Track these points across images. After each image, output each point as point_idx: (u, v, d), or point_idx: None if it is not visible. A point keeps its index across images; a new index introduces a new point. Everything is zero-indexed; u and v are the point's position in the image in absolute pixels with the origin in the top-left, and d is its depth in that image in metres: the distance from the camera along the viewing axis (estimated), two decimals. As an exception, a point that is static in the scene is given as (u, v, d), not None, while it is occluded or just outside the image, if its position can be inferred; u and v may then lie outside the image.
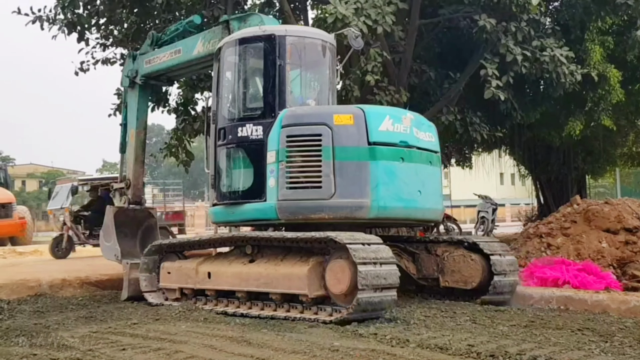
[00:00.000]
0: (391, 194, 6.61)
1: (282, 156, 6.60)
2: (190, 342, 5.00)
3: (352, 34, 7.49)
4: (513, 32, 10.43)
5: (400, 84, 11.06)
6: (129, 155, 9.72)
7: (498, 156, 21.71)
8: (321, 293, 6.02)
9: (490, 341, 4.93)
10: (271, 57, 7.03)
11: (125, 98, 9.91)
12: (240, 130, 7.03)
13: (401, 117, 6.88)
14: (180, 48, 8.72)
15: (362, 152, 6.54)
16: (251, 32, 7.30)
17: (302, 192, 6.53)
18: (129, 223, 9.25)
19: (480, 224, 19.95)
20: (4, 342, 4.98)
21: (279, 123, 6.74)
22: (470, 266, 7.19)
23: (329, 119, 6.58)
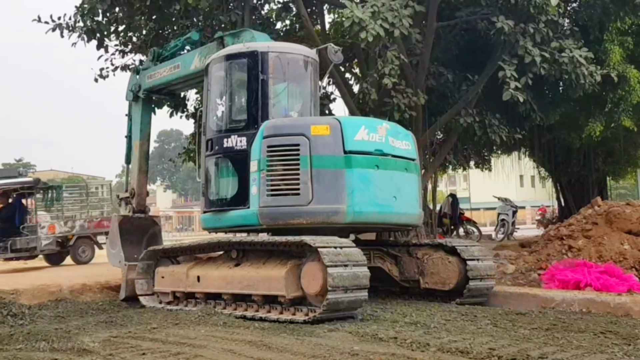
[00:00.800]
0: (366, 199, 6.95)
1: (263, 165, 6.98)
2: (210, 347, 5.00)
3: (332, 49, 7.79)
4: (531, 33, 10.33)
5: (418, 87, 11.01)
6: (133, 166, 10.13)
7: (518, 158, 21.53)
8: (298, 294, 6.31)
9: (512, 345, 4.87)
10: (254, 72, 7.47)
11: (130, 111, 10.26)
12: (226, 141, 7.46)
13: (377, 127, 7.24)
14: (179, 63, 9.17)
15: (338, 160, 6.90)
16: (236, 49, 7.78)
17: (282, 199, 6.89)
18: (134, 231, 9.55)
19: (500, 227, 19.83)
20: (26, 346, 5.03)
21: (260, 134, 7.14)
22: (447, 268, 7.54)
23: (306, 130, 6.95)
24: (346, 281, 5.94)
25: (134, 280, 8.13)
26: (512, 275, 8.78)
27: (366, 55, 12.11)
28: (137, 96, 9.93)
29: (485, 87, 12.02)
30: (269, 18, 13.45)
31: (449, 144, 13.54)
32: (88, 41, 12.07)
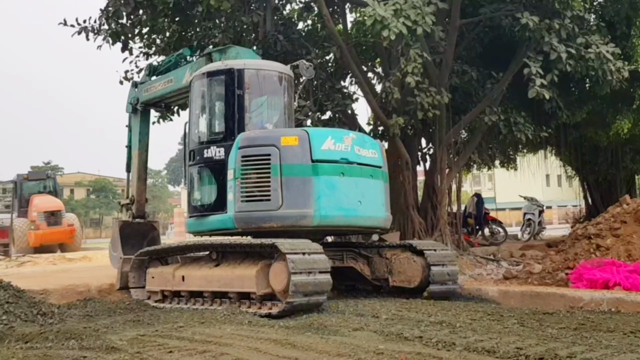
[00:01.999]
0: (332, 204, 7.50)
1: (237, 174, 7.57)
2: (235, 345, 5.02)
3: (304, 65, 8.44)
4: (557, 29, 10.19)
5: (442, 85, 10.94)
6: (133, 174, 10.74)
7: (544, 157, 21.24)
8: (268, 291, 6.82)
9: (539, 344, 4.80)
10: (231, 88, 8.07)
11: (130, 122, 10.82)
12: (206, 152, 8.10)
13: (343, 137, 7.80)
14: (172, 78, 9.72)
15: (306, 168, 7.46)
16: (215, 66, 8.42)
17: (254, 205, 7.49)
18: (134, 235, 10.13)
19: (526, 227, 19.60)
20: (55, 344, 5.09)
21: (236, 145, 7.70)
22: (412, 267, 8.15)
23: (277, 141, 7.52)
24: (308, 287, 6.47)
25: (128, 273, 8.68)
26: (539, 275, 8.69)
27: (389, 54, 12.08)
28: (136, 108, 10.51)
29: (510, 84, 11.90)
30: (290, 18, 13.49)
31: (473, 143, 13.43)
32: (113, 44, 12.23)
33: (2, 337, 5.45)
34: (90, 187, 72.48)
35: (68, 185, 68.45)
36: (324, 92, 11.98)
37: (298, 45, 12.23)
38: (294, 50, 12.06)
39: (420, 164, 13.73)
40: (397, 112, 10.93)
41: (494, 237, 17.40)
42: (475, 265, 11.04)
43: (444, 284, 8.08)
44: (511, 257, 12.11)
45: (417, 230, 11.63)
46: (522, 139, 12.50)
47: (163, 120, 13.60)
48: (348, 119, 12.60)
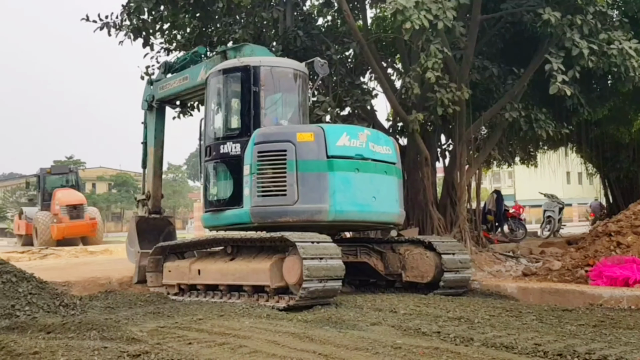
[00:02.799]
0: (347, 199, 7.63)
1: (254, 169, 7.71)
2: (254, 338, 5.07)
3: (319, 62, 8.54)
4: (579, 25, 10.06)
5: (462, 81, 10.87)
6: (149, 171, 10.87)
7: (564, 154, 21.03)
8: (282, 284, 6.99)
9: (558, 340, 4.79)
10: (247, 85, 8.18)
11: (145, 119, 10.94)
12: (222, 148, 8.21)
13: (358, 134, 7.93)
14: (187, 75, 9.86)
15: (322, 164, 7.58)
16: (231, 63, 8.53)
17: (271, 200, 7.61)
18: (150, 230, 10.31)
19: (546, 224, 19.45)
20: (77, 335, 5.17)
21: (252, 141, 7.83)
22: (425, 262, 8.18)
23: (293, 137, 7.65)
24: (321, 272, 6.61)
25: (144, 267, 8.87)
26: (558, 272, 8.63)
27: (409, 50, 12.03)
28: (151, 106, 10.67)
29: (531, 81, 11.79)
30: (310, 14, 13.50)
31: (493, 139, 13.33)
32: (134, 39, 12.33)
33: (25, 328, 5.55)
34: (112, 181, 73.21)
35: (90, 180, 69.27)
36: (343, 88, 11.97)
37: (318, 41, 12.23)
38: (313, 46, 12.06)
39: (440, 160, 13.67)
40: (416, 108, 10.89)
41: (513, 234, 17.28)
42: (494, 261, 10.98)
43: (457, 272, 8.13)
44: (530, 254, 12.03)
45: (436, 226, 11.59)
46: (543, 136, 12.35)
47: (183, 115, 13.69)
48: (367, 114, 12.59)
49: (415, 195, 11.94)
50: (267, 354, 4.44)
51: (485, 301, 7.36)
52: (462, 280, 8.30)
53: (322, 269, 6.64)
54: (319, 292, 6.68)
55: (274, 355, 4.39)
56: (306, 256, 6.57)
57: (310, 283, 6.55)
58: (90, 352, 4.34)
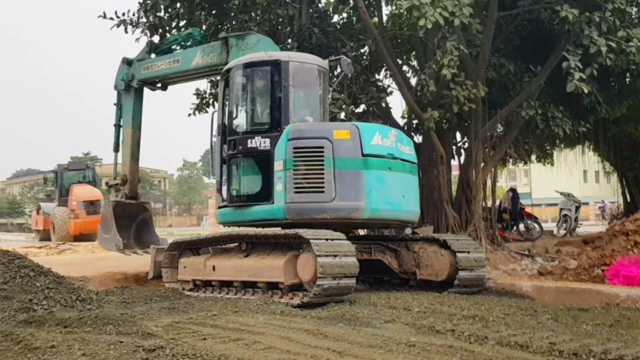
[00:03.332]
0: (381, 198, 7.70)
1: (289, 165, 7.64)
2: (268, 334, 5.09)
3: (345, 61, 8.69)
4: (597, 22, 9.94)
5: (478, 78, 10.79)
6: (125, 153, 10.49)
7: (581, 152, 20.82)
8: (296, 281, 7.01)
9: (573, 340, 4.76)
10: (276, 79, 8.09)
11: (120, 100, 10.66)
12: (249, 142, 8.06)
13: (388, 133, 8.05)
14: (179, 58, 9.75)
15: (358, 162, 7.63)
16: (258, 57, 8.41)
17: (307, 196, 7.58)
18: (125, 216, 10.07)
19: (562, 222, 19.29)
20: (93, 329, 5.22)
21: (285, 136, 7.75)
22: (440, 261, 8.15)
23: (329, 134, 7.68)
24: (335, 270, 6.61)
25: (160, 262, 8.87)
26: (574, 271, 8.55)
27: (424, 47, 11.98)
28: (130, 85, 10.38)
29: (548, 78, 11.68)
30: (326, 11, 13.48)
31: (509, 137, 13.24)
32: (151, 36, 12.37)
33: (42, 322, 5.60)
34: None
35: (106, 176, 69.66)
36: (358, 85, 11.95)
37: (333, 38, 12.22)
38: (328, 43, 12.05)
39: (455, 158, 13.61)
40: (432, 106, 10.84)
41: (529, 232, 17.17)
42: (509, 260, 10.92)
43: (472, 271, 8.09)
44: (546, 252, 11.95)
45: (451, 224, 11.54)
46: (560, 134, 12.23)
47: (199, 112, 13.75)
48: (382, 112, 12.55)
49: (430, 193, 11.89)
50: (281, 350, 4.46)
51: (500, 300, 7.33)
52: (477, 279, 8.26)
53: (336, 267, 6.65)
54: (333, 289, 6.69)
55: (288, 352, 4.41)
56: (320, 253, 6.59)
57: (324, 280, 6.57)
58: (107, 347, 4.39)
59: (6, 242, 21.53)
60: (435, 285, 8.26)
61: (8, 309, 6.16)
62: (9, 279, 6.77)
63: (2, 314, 6.00)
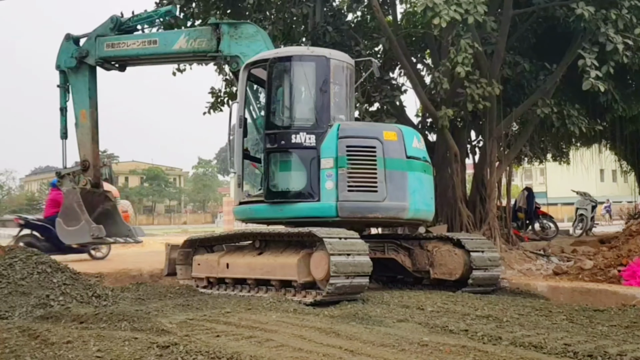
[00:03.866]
0: (420, 199, 8.01)
1: (342, 163, 7.69)
2: (280, 332, 5.11)
3: (376, 64, 8.94)
4: (613, 20, 9.84)
5: (493, 77, 10.74)
6: (84, 136, 9.58)
7: (598, 151, 20.62)
8: (309, 279, 7.03)
9: (588, 341, 4.72)
10: (321, 75, 8.08)
11: (67, 80, 9.78)
12: (294, 137, 7.93)
13: (420, 137, 8.43)
14: (157, 39, 9.35)
15: (403, 163, 7.86)
16: (301, 51, 8.49)
17: (361, 195, 7.67)
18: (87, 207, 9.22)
19: (578, 222, 19.12)
20: (109, 325, 5.28)
21: (335, 134, 7.80)
22: (454, 260, 8.15)
23: (380, 135, 7.85)
24: (348, 268, 6.63)
25: (174, 259, 8.93)
26: (590, 272, 8.48)
27: (438, 45, 11.93)
28: (83, 62, 9.62)
29: (564, 76, 11.59)
30: (340, 9, 13.47)
31: (524, 135, 13.16)
32: (167, 36, 12.47)
33: (59, 317, 5.70)
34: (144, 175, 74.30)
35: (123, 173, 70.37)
36: (372, 84, 11.93)
37: (347, 37, 12.21)
38: (342, 41, 12.04)
39: (469, 157, 13.54)
40: (446, 104, 10.80)
41: (544, 232, 17.04)
42: (524, 260, 10.84)
43: (486, 270, 8.08)
44: (562, 252, 11.84)
45: (465, 223, 11.50)
46: (576, 132, 12.13)
47: (214, 110, 13.81)
48: (396, 110, 12.53)
49: (444, 191, 11.86)
50: (294, 349, 4.47)
51: (514, 300, 7.28)
52: (491, 279, 8.23)
53: (350, 265, 6.66)
54: (346, 288, 6.70)
55: (301, 350, 4.42)
56: (334, 252, 6.62)
57: (337, 279, 6.59)
58: (121, 343, 4.43)
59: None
60: (449, 284, 8.25)
61: (26, 304, 6.27)
62: (27, 275, 6.88)
63: (20, 310, 6.12)
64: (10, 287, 6.59)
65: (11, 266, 6.96)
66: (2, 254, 7.26)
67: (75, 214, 9.07)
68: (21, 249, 7.61)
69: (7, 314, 6.00)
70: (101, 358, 4.06)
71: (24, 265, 7.04)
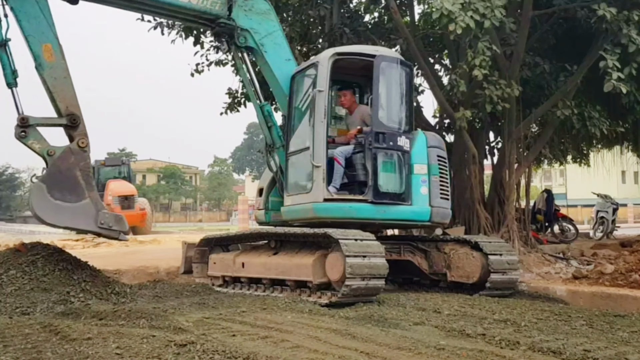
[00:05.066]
0: None
1: (434, 171, 8.13)
2: (296, 332, 5.11)
3: None
4: (636, 21, 9.66)
5: (512, 78, 10.62)
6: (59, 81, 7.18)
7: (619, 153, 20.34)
8: (324, 280, 7.02)
9: (609, 347, 4.66)
10: (410, 81, 8.37)
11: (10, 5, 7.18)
12: (399, 140, 7.97)
13: None
14: None
15: None
16: (394, 53, 8.85)
17: (447, 203, 8.29)
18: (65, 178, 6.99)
19: (599, 225, 18.91)
20: (127, 323, 5.34)
21: (424, 143, 8.20)
22: (471, 262, 8.09)
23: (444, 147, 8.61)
24: (364, 270, 6.63)
25: (191, 258, 9.03)
26: (610, 276, 8.37)
27: (457, 46, 11.84)
28: None
29: (585, 77, 11.44)
30: (357, 11, 13.44)
31: (544, 137, 13.01)
32: (185, 38, 12.58)
33: (79, 314, 5.79)
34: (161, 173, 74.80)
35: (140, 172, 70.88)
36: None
37: (364, 38, 12.16)
38: (359, 43, 11.98)
39: (488, 158, 13.44)
40: (464, 105, 10.71)
41: (564, 234, 16.85)
42: (543, 263, 10.73)
43: (504, 274, 8.01)
44: (582, 255, 11.70)
45: (483, 225, 11.40)
46: (597, 134, 11.98)
47: (230, 111, 13.83)
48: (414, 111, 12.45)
49: (461, 193, 11.77)
50: (309, 350, 4.47)
51: (532, 304, 7.21)
52: (509, 282, 8.15)
53: (365, 267, 6.65)
54: (362, 290, 6.69)
55: (316, 351, 4.41)
56: (349, 253, 6.60)
57: (352, 280, 6.57)
58: (140, 340, 4.48)
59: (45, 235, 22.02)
60: (466, 287, 8.21)
61: (47, 300, 6.38)
62: (49, 271, 6.99)
63: (41, 306, 6.24)
64: (32, 284, 6.72)
65: (33, 263, 7.08)
66: (25, 252, 7.36)
67: (77, 186, 6.82)
68: (42, 245, 7.68)
69: (29, 310, 6.13)
70: (120, 355, 4.11)
71: (46, 262, 7.15)
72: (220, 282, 8.55)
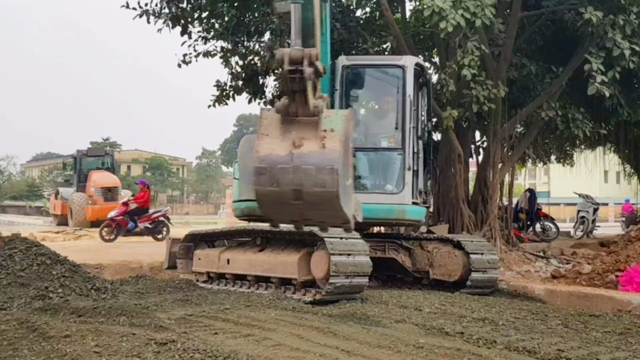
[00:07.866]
0: None
1: None
2: (278, 330, 5.15)
3: None
4: (621, 25, 9.80)
5: (499, 78, 10.71)
6: None
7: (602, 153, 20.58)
8: (309, 278, 7.10)
9: (582, 347, 4.76)
10: None
11: None
12: None
13: None
14: None
15: None
16: None
17: None
18: None
19: (579, 224, 19.14)
20: (107, 320, 5.31)
21: None
22: (453, 261, 8.25)
23: None
24: (348, 268, 6.71)
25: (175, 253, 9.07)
26: (588, 276, 8.50)
27: (446, 44, 11.90)
28: None
29: (570, 79, 11.57)
30: (349, 6, 13.43)
31: (528, 137, 13.14)
32: (173, 27, 12.44)
33: (57, 310, 5.71)
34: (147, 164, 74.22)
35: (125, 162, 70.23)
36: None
37: (355, 34, 12.17)
38: (350, 38, 12.01)
39: (473, 157, 13.53)
40: (451, 105, 10.78)
41: (545, 233, 17.04)
42: (523, 261, 10.86)
43: (485, 272, 8.16)
44: (562, 254, 11.86)
45: (467, 223, 11.49)
46: (580, 136, 12.15)
47: (218, 104, 13.78)
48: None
49: (446, 191, 11.85)
50: (290, 348, 4.51)
51: (511, 302, 7.32)
52: (489, 281, 8.28)
53: (350, 265, 6.71)
54: (346, 287, 6.75)
55: (297, 349, 4.46)
56: (334, 252, 6.66)
57: (337, 279, 6.64)
58: (119, 338, 4.47)
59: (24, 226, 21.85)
60: (448, 285, 8.31)
61: (24, 295, 6.29)
62: (26, 266, 6.86)
63: (18, 301, 6.15)
64: (9, 278, 6.59)
65: (11, 257, 6.95)
66: (2, 245, 7.22)
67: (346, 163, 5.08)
68: (21, 239, 7.58)
69: (6, 305, 6.04)
70: (99, 353, 4.09)
71: (24, 256, 7.02)
72: (205, 278, 8.52)
